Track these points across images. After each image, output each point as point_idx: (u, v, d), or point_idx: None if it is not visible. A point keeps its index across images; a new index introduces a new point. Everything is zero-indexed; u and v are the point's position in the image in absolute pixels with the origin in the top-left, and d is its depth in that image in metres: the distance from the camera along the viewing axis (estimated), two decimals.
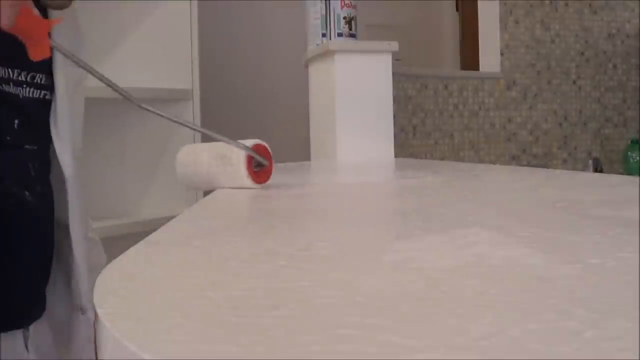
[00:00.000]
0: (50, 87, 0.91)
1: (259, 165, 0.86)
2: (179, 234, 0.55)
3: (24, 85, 0.88)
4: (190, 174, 0.94)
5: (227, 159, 0.86)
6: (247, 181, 0.84)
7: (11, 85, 0.87)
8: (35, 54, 0.78)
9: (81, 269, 0.94)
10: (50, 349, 0.95)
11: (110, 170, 1.90)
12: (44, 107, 0.91)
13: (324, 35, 1.81)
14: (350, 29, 1.79)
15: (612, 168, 3.44)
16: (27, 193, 0.88)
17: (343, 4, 1.77)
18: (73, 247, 0.93)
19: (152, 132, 1.91)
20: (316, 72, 1.92)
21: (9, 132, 0.86)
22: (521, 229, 0.53)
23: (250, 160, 0.85)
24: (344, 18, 1.78)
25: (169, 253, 0.48)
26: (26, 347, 0.92)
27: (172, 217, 0.62)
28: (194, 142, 2.03)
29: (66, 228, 0.94)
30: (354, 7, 1.80)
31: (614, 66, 3.50)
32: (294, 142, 2.65)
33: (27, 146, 0.90)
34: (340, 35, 1.78)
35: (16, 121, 0.87)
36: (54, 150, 0.92)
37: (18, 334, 0.90)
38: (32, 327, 0.91)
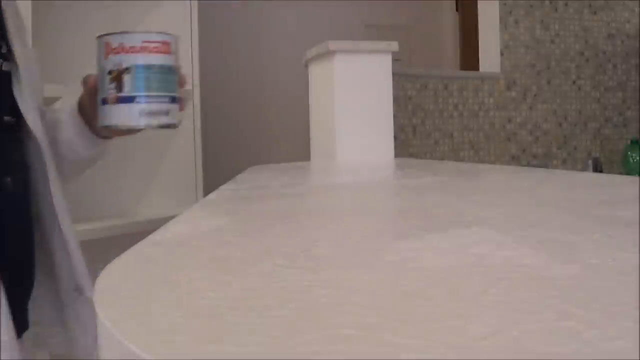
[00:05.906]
0: (5, 56, 0.85)
1: None
2: (179, 234, 0.55)
3: None
4: None
5: None
6: None
7: None
8: None
9: (72, 245, 0.89)
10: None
11: (110, 170, 1.90)
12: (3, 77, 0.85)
13: None
14: None
15: (612, 168, 3.44)
16: (8, 179, 0.82)
17: None
18: (61, 224, 0.88)
19: (152, 133, 1.90)
20: (316, 72, 1.92)
21: None
22: (521, 229, 0.53)
23: None
24: None
25: (169, 253, 0.48)
26: None
27: (172, 217, 0.62)
28: (194, 141, 2.03)
29: (39, 215, 0.89)
30: None
31: (614, 66, 3.49)
32: (294, 142, 2.65)
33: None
34: None
35: None
36: (24, 126, 0.86)
37: None
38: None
